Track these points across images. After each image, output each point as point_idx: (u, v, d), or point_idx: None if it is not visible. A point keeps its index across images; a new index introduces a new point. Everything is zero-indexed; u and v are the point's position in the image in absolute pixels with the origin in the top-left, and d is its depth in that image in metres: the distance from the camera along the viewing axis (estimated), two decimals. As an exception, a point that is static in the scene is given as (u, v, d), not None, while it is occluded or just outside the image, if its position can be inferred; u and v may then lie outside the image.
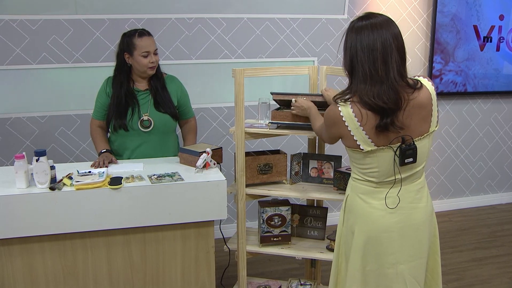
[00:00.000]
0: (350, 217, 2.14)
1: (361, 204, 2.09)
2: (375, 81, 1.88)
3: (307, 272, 3.26)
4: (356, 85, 1.93)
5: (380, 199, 2.05)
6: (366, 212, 2.07)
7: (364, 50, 1.89)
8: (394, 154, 1.96)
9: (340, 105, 1.97)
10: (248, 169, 2.76)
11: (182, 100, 3.02)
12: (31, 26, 3.53)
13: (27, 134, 3.69)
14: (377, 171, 2.01)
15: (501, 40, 4.66)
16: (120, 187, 2.35)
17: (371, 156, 1.99)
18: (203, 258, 2.58)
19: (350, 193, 2.15)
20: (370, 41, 1.88)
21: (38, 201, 2.28)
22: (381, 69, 1.88)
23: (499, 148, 5.03)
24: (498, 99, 4.87)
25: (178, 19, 3.80)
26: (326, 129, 2.13)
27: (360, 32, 1.92)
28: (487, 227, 4.55)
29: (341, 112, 1.96)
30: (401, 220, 2.05)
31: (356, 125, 1.94)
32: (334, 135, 2.09)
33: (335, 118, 1.99)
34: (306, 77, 3.00)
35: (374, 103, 1.88)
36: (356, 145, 1.99)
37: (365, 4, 4.22)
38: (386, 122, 1.90)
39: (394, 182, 2.02)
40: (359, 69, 1.91)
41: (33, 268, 2.38)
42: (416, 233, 2.09)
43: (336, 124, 2.00)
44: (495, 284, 3.53)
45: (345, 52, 1.98)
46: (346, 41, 1.97)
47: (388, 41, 1.88)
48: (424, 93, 1.96)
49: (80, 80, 3.69)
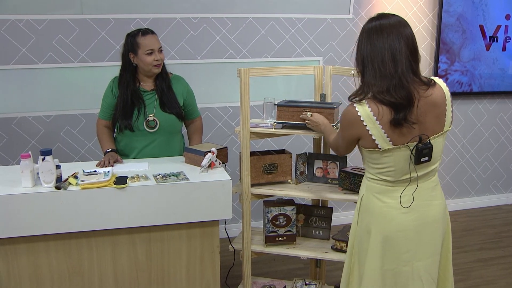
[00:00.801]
0: (366, 216, 2.16)
1: (377, 204, 2.11)
2: (384, 77, 1.93)
3: (312, 272, 3.25)
4: (367, 83, 1.98)
5: (396, 197, 2.07)
6: (383, 212, 2.09)
7: (374, 49, 1.95)
8: (411, 153, 1.99)
9: (357, 104, 1.99)
10: (253, 169, 2.76)
11: (188, 100, 3.02)
12: (37, 26, 3.54)
13: (32, 134, 3.70)
14: (393, 170, 2.03)
15: (507, 40, 4.64)
16: (126, 187, 2.36)
17: (387, 155, 2.01)
18: (208, 257, 2.58)
19: (365, 193, 2.16)
20: (380, 40, 1.94)
21: (43, 200, 2.28)
22: (389, 65, 1.92)
23: (504, 148, 5.01)
24: (504, 99, 4.84)
25: (183, 19, 3.81)
26: (343, 133, 2.12)
27: (371, 32, 1.98)
28: (492, 228, 4.54)
29: (358, 112, 1.98)
30: (417, 217, 2.08)
31: (375, 122, 1.97)
32: (352, 137, 2.08)
33: (352, 118, 2.01)
34: (311, 77, 2.99)
35: (385, 99, 1.93)
36: (374, 144, 2.00)
37: (371, 4, 4.21)
38: (399, 118, 1.93)
39: (410, 180, 2.05)
40: (369, 67, 1.96)
41: (39, 267, 2.39)
42: (431, 230, 2.12)
43: (354, 124, 2.01)
44: (500, 285, 3.52)
45: (357, 52, 2.04)
46: (358, 41, 2.03)
47: (398, 40, 1.93)
48: (438, 92, 2.02)
49: (85, 80, 3.70)
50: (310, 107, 2.62)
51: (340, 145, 2.21)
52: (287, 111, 2.66)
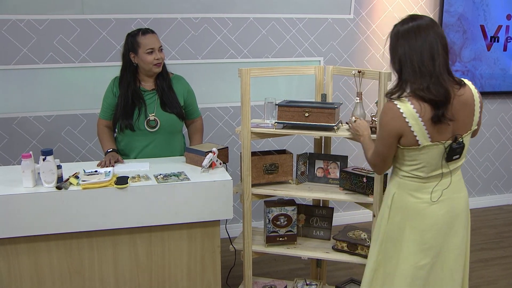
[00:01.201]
0: (398, 213, 2.20)
1: (412, 200, 2.16)
2: (424, 75, 2.00)
3: (313, 272, 3.26)
4: (406, 82, 2.04)
5: (428, 193, 2.14)
6: (418, 208, 2.16)
7: (412, 49, 2.01)
8: (445, 150, 2.07)
9: (397, 102, 2.04)
10: (254, 169, 2.76)
11: (189, 100, 3.02)
12: (38, 26, 3.54)
13: (33, 134, 3.70)
14: (426, 166, 2.10)
15: (508, 40, 4.64)
16: (126, 187, 2.36)
17: (424, 152, 2.07)
18: (209, 257, 2.58)
19: (397, 190, 2.20)
20: (418, 41, 2.01)
21: (44, 200, 2.28)
22: (428, 64, 2.00)
23: (506, 149, 5.01)
24: (505, 99, 4.84)
25: (184, 19, 3.81)
26: (383, 133, 2.11)
27: (407, 33, 2.04)
28: (493, 228, 4.53)
29: (400, 109, 2.02)
30: (448, 211, 2.17)
31: (417, 119, 2.01)
32: (393, 136, 2.08)
33: (394, 114, 2.04)
34: (312, 77, 2.99)
35: (426, 96, 1.99)
36: (415, 141, 2.04)
37: (372, 4, 4.21)
38: (438, 114, 1.99)
39: (442, 176, 2.13)
40: (408, 66, 2.02)
41: (40, 267, 2.39)
42: (458, 221, 2.21)
43: (395, 121, 2.04)
44: (501, 285, 3.52)
45: (393, 53, 2.09)
46: (394, 43, 2.08)
47: (435, 40, 2.01)
48: (468, 92, 2.10)
49: (86, 80, 3.70)
50: (311, 107, 2.62)
51: (380, 152, 2.17)
52: (288, 111, 2.66)
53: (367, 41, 4.28)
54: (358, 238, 2.79)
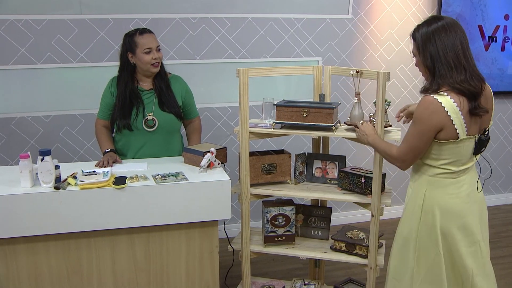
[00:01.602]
0: (430, 211, 2.24)
1: (444, 197, 2.22)
2: (460, 69, 2.10)
3: (311, 272, 3.26)
4: (442, 77, 2.11)
5: (459, 187, 2.23)
6: (451, 203, 2.22)
7: (446, 46, 2.11)
8: (475, 143, 2.18)
9: (437, 96, 2.09)
10: (252, 169, 2.76)
11: (187, 100, 3.02)
12: (36, 26, 3.54)
13: (31, 134, 3.70)
14: (460, 159, 2.18)
15: (506, 40, 4.65)
16: (125, 187, 2.35)
17: (460, 145, 2.15)
18: (207, 257, 2.58)
19: (428, 188, 2.25)
20: (450, 38, 2.11)
21: (42, 200, 2.28)
22: (462, 59, 2.12)
23: (503, 149, 5.01)
24: (502, 99, 4.85)
25: (183, 19, 3.81)
26: (421, 127, 2.13)
27: (438, 31, 2.13)
28: (491, 228, 4.50)
29: (441, 102, 2.07)
30: (475, 201, 2.27)
31: (457, 112, 2.08)
32: (433, 130, 2.11)
33: (435, 108, 2.08)
34: (311, 77, 2.99)
35: (465, 88, 2.08)
36: (455, 134, 2.11)
37: (370, 4, 4.21)
38: (475, 106, 2.10)
39: (469, 169, 2.25)
40: (443, 62, 2.11)
41: (38, 267, 2.39)
42: (483, 210, 2.35)
43: (437, 114, 2.08)
44: (499, 285, 3.50)
45: (424, 51, 2.15)
46: (424, 41, 2.15)
47: (463, 37, 2.14)
48: (488, 87, 2.22)
49: (84, 80, 3.70)
50: (309, 107, 2.62)
51: (415, 147, 2.19)
52: (286, 111, 2.66)
53: (365, 41, 4.29)
54: (356, 238, 2.79)
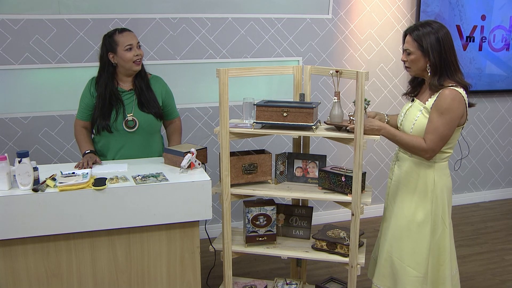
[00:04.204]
0: (440, 193, 2.59)
1: (448, 180, 2.64)
2: (458, 69, 2.47)
3: (293, 271, 3.27)
4: (451, 75, 2.43)
5: (448, 167, 2.66)
6: (449, 182, 2.66)
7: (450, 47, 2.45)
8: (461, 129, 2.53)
9: (458, 89, 2.39)
10: (233, 169, 2.76)
11: (167, 100, 3.01)
12: (13, 26, 3.49)
13: (10, 135, 3.65)
14: (454, 144, 2.55)
15: (483, 40, 4.72)
16: (104, 188, 2.34)
17: (461, 131, 2.53)
18: (188, 258, 2.58)
19: (436, 176, 2.57)
20: (448, 39, 2.46)
21: (20, 203, 2.25)
22: (457, 60, 2.47)
23: (482, 147, 5.09)
24: (481, 98, 4.92)
25: (163, 19, 3.79)
26: (453, 115, 2.39)
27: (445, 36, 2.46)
28: (470, 225, 4.60)
29: (462, 95, 2.40)
30: None
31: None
32: (459, 117, 2.42)
33: (460, 98, 2.39)
34: (291, 77, 3.00)
35: (465, 84, 2.44)
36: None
37: (350, 4, 4.24)
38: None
39: None
40: (451, 60, 2.44)
41: (16, 271, 2.36)
42: None
43: (462, 104, 2.40)
44: (478, 280, 3.57)
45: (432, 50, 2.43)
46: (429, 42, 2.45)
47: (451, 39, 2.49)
48: None
49: (63, 81, 3.66)
50: (289, 107, 2.63)
51: (446, 136, 2.42)
52: (266, 111, 2.67)
53: (345, 41, 4.31)
54: (337, 237, 2.81)
